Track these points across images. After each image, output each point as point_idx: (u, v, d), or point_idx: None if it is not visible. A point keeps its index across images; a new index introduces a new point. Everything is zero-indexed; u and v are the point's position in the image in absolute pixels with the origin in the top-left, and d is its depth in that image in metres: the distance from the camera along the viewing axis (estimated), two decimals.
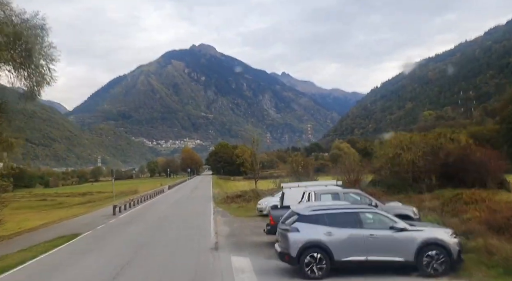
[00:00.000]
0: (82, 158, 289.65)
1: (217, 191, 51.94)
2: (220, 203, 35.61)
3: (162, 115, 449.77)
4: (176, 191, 64.31)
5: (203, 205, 35.12)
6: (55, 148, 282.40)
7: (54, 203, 54.59)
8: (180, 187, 73.84)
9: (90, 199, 55.81)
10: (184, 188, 69.94)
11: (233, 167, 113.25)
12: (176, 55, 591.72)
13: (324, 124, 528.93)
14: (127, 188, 67.49)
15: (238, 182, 76.97)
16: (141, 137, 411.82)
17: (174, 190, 66.85)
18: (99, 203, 46.00)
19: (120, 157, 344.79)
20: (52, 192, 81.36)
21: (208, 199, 41.91)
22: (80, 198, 59.25)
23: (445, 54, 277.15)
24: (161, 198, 49.33)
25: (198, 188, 66.73)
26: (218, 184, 76.07)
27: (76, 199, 58.50)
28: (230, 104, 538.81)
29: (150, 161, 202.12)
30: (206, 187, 68.39)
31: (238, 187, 51.78)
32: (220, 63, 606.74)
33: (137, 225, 23.39)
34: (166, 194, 57.74)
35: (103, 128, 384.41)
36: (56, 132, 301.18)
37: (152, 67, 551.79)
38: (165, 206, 36.46)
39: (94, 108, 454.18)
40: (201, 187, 69.18)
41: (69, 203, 51.27)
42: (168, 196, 53.50)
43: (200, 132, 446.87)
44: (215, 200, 38.67)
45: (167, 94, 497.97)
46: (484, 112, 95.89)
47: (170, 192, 60.96)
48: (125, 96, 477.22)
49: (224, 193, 42.54)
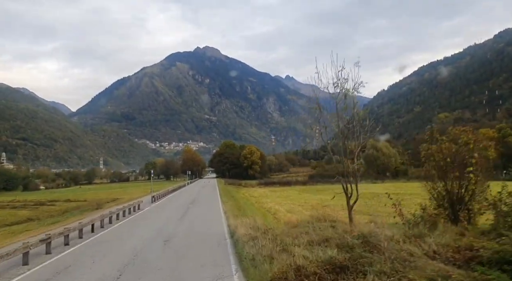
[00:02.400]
0: (84, 160, 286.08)
1: (232, 210, 26.67)
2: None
3: (165, 117, 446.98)
4: (161, 208, 33.14)
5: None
6: (57, 149, 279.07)
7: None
8: (171, 200, 41.41)
9: (37, 214, 35.67)
10: (177, 201, 38.64)
11: (240, 169, 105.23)
12: (180, 57, 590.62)
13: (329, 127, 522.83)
14: (107, 195, 55.57)
15: (254, 190, 61.57)
16: (144, 139, 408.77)
17: (158, 205, 35.72)
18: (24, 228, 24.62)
19: (123, 159, 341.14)
20: (9, 199, 60.61)
21: (223, 252, 12.75)
22: (25, 212, 39.14)
23: (454, 57, 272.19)
24: (115, 232, 19.60)
25: (199, 203, 35.45)
26: (228, 193, 49.82)
27: (21, 213, 38.41)
28: (234, 107, 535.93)
29: (148, 163, 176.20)
30: (212, 199, 39.91)
31: (270, 202, 33.27)
32: (224, 66, 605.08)
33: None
34: (139, 217, 26.30)
35: (106, 130, 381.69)
36: (58, 133, 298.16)
37: (156, 69, 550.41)
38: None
39: (98, 110, 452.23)
40: (203, 201, 38.88)
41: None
42: (132, 227, 21.45)
43: (204, 135, 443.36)
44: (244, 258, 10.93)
45: (170, 96, 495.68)
46: (507, 114, 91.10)
47: (150, 211, 30.67)
48: (129, 98, 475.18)
49: (251, 223, 15.40)
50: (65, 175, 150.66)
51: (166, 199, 42.29)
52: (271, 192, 51.99)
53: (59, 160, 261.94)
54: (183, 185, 75.34)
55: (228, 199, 38.95)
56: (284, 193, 50.24)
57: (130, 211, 28.12)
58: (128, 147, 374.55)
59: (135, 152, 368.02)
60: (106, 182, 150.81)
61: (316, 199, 35.06)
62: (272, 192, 53.40)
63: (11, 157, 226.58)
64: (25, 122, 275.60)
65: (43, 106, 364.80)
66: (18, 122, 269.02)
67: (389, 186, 53.71)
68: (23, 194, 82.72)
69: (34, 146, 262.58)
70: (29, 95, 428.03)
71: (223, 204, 32.22)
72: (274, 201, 36.04)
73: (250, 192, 55.87)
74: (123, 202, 38.95)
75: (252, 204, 34.15)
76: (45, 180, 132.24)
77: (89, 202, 43.21)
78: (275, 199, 38.23)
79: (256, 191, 56.24)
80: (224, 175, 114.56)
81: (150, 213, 28.69)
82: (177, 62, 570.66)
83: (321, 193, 41.60)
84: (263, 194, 47.81)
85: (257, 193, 51.78)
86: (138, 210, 30.26)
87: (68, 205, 43.08)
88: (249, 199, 42.06)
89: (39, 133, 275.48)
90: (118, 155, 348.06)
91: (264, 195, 45.31)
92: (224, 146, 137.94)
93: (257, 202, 36.90)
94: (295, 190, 55.80)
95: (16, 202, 54.04)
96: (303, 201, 34.68)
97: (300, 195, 45.39)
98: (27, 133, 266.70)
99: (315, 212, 16.84)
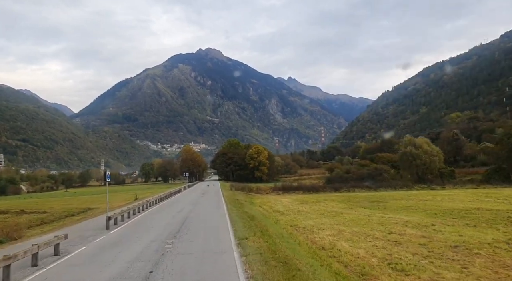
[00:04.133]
0: (85, 161, 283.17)
1: (263, 260, 11.24)
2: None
3: (167, 118, 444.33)
4: (110, 249, 14.14)
5: None
6: (57, 151, 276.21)
7: None
8: (145, 221, 23.26)
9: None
10: (152, 228, 19.27)
11: (246, 171, 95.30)
12: (182, 59, 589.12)
13: (331, 129, 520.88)
14: (81, 203, 46.36)
15: (274, 199, 44.53)
16: (146, 140, 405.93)
17: (114, 237, 16.79)
18: None
19: (124, 160, 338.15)
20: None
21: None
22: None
23: (459, 58, 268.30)
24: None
25: (190, 234, 17.02)
26: (239, 205, 33.25)
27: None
28: (236, 108, 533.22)
29: (144, 163, 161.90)
30: (214, 220, 22.09)
31: (319, 229, 19.35)
32: (226, 67, 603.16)
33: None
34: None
35: (107, 131, 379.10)
36: (59, 134, 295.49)
37: (158, 71, 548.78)
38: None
39: (100, 111, 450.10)
40: (199, 227, 19.25)
41: None
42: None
43: (206, 136, 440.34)
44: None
45: (173, 98, 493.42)
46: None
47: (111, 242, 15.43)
48: (131, 99, 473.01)
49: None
50: (59, 177, 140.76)
51: (139, 219, 24.03)
52: (301, 204, 35.97)
53: (59, 162, 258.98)
54: (178, 190, 58.31)
55: (242, 219, 22.27)
56: (322, 206, 33.25)
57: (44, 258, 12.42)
58: (130, 148, 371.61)
59: (137, 153, 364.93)
60: (100, 185, 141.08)
61: (397, 221, 21.60)
62: (302, 203, 36.93)
63: (10, 159, 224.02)
64: (26, 123, 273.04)
65: (44, 107, 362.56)
66: (18, 123, 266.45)
67: (479, 193, 40.49)
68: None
69: (34, 147, 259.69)
70: (30, 96, 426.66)
71: (239, 242, 14.47)
72: (322, 223, 21.37)
73: (268, 202, 39.64)
74: (89, 216, 29.36)
75: (290, 236, 17.45)
76: (35, 182, 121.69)
77: (48, 214, 33.65)
78: (319, 220, 22.99)
79: (277, 202, 39.62)
80: (228, 178, 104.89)
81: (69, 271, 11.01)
82: (179, 63, 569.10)
83: (380, 207, 30.22)
84: (290, 208, 32.20)
85: (280, 205, 35.63)
86: (68, 252, 13.63)
87: (39, 214, 33.88)
88: (274, 217, 25.90)
89: (39, 134, 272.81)
90: (120, 157, 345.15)
91: (294, 210, 29.98)
92: (228, 145, 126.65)
93: (293, 226, 20.98)
94: (330, 200, 39.27)
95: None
96: (382, 227, 19.38)
97: (353, 211, 28.24)
98: (28, 134, 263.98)
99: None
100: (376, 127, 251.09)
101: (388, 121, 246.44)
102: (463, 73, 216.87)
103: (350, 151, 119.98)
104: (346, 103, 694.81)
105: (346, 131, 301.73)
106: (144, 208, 29.92)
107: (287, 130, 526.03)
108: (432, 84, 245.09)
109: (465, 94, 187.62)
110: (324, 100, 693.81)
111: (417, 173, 59.84)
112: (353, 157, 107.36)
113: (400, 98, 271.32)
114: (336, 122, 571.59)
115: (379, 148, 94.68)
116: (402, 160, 62.18)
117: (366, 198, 39.43)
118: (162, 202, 38.01)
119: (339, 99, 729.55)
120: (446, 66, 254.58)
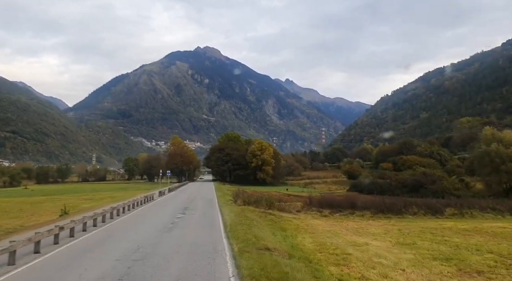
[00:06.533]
0: (76, 156, 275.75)
1: None
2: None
3: (163, 115, 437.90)
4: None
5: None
6: (48, 144, 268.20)
7: None
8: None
9: None
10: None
11: (247, 171, 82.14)
12: (180, 56, 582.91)
13: (327, 133, 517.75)
14: (15, 213, 30.93)
15: (334, 232, 20.04)
16: (140, 137, 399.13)
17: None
18: None
19: (117, 156, 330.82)
20: None
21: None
22: None
23: (461, 64, 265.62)
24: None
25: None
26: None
27: None
28: (232, 108, 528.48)
29: (128, 158, 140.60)
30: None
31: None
32: (224, 67, 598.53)
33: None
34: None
35: (100, 126, 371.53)
36: (50, 127, 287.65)
37: (155, 67, 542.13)
38: None
39: (95, 106, 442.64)
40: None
41: None
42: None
43: (201, 135, 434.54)
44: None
45: (169, 95, 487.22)
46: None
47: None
48: (127, 95, 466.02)
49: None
50: (37, 171, 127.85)
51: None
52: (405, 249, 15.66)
53: (49, 156, 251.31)
54: (151, 196, 37.15)
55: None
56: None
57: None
58: (123, 144, 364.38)
59: (130, 149, 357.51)
60: (78, 181, 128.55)
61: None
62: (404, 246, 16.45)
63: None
64: (16, 114, 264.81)
65: (38, 100, 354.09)
66: (8, 114, 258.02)
67: None
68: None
69: (24, 139, 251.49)
70: (24, 88, 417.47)
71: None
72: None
73: (337, 249, 15.08)
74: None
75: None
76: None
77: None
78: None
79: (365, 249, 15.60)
80: (224, 178, 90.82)
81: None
82: (177, 60, 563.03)
83: None
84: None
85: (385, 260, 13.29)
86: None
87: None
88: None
89: (30, 126, 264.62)
90: (112, 152, 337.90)
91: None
92: (226, 139, 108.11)
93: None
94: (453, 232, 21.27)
95: None
96: None
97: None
98: (17, 126, 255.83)
99: None
100: (374, 131, 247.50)
101: (387, 125, 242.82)
102: (466, 79, 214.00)
103: (356, 154, 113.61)
104: (342, 107, 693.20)
105: (344, 134, 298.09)
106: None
107: (283, 132, 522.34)
108: (433, 89, 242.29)
109: (468, 100, 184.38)
110: (321, 103, 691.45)
111: (505, 182, 41.41)
112: (364, 160, 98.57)
113: (400, 103, 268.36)
114: (332, 125, 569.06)
115: (398, 151, 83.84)
116: (482, 163, 43.84)
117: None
118: (110, 224, 19.39)
119: (336, 102, 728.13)
120: (447, 72, 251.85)
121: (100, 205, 29.92)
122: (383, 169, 67.16)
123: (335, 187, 57.08)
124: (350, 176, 72.73)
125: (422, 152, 58.16)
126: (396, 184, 52.41)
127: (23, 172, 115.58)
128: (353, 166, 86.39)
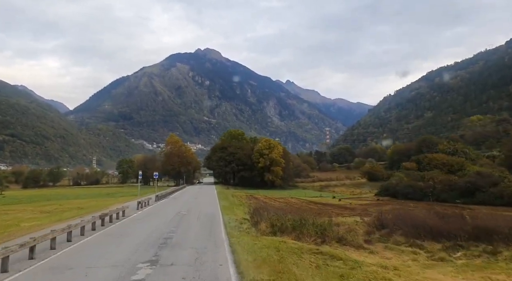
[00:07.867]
0: (76, 159, 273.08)
1: None
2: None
3: (163, 118, 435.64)
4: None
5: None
6: (48, 147, 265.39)
7: None
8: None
9: None
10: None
11: (253, 172, 73.80)
12: (181, 58, 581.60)
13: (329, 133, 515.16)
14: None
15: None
16: (141, 139, 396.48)
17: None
18: None
19: (117, 159, 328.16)
20: None
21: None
22: None
23: (464, 63, 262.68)
24: None
25: None
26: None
27: None
28: (233, 110, 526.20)
29: (122, 160, 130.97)
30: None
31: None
32: (225, 68, 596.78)
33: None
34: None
35: (101, 129, 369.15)
36: (50, 130, 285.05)
37: (155, 69, 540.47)
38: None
39: (95, 108, 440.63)
40: None
41: None
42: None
43: (202, 137, 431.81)
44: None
45: (169, 97, 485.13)
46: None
47: None
48: (127, 97, 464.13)
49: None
50: (28, 174, 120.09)
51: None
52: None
53: (49, 159, 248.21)
54: (122, 210, 24.64)
55: None
56: None
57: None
58: (124, 147, 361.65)
59: (131, 152, 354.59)
60: (69, 185, 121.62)
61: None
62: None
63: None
64: (15, 117, 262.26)
65: (37, 103, 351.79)
66: (7, 117, 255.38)
67: None
68: None
69: (23, 142, 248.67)
70: (23, 91, 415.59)
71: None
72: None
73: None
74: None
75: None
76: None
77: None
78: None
79: None
80: (227, 181, 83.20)
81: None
82: (177, 62, 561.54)
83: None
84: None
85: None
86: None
87: None
88: None
89: (29, 129, 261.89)
90: (113, 155, 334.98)
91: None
92: (229, 136, 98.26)
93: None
94: None
95: None
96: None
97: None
98: (16, 129, 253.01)
99: None
100: (378, 131, 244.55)
101: (391, 125, 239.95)
102: (470, 78, 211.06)
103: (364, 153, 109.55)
104: (343, 108, 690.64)
105: (347, 134, 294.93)
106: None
107: (285, 133, 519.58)
108: (437, 89, 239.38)
109: (474, 99, 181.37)
110: (322, 104, 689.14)
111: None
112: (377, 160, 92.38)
113: (403, 103, 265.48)
114: (334, 126, 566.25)
115: (417, 149, 77.70)
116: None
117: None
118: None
119: (337, 103, 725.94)
120: (451, 71, 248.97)
121: (47, 224, 21.14)
122: (406, 169, 61.41)
123: (359, 191, 49.41)
124: (370, 178, 66.39)
125: (445, 150, 53.33)
126: (442, 187, 45.07)
127: (12, 176, 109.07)
128: (374, 167, 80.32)
